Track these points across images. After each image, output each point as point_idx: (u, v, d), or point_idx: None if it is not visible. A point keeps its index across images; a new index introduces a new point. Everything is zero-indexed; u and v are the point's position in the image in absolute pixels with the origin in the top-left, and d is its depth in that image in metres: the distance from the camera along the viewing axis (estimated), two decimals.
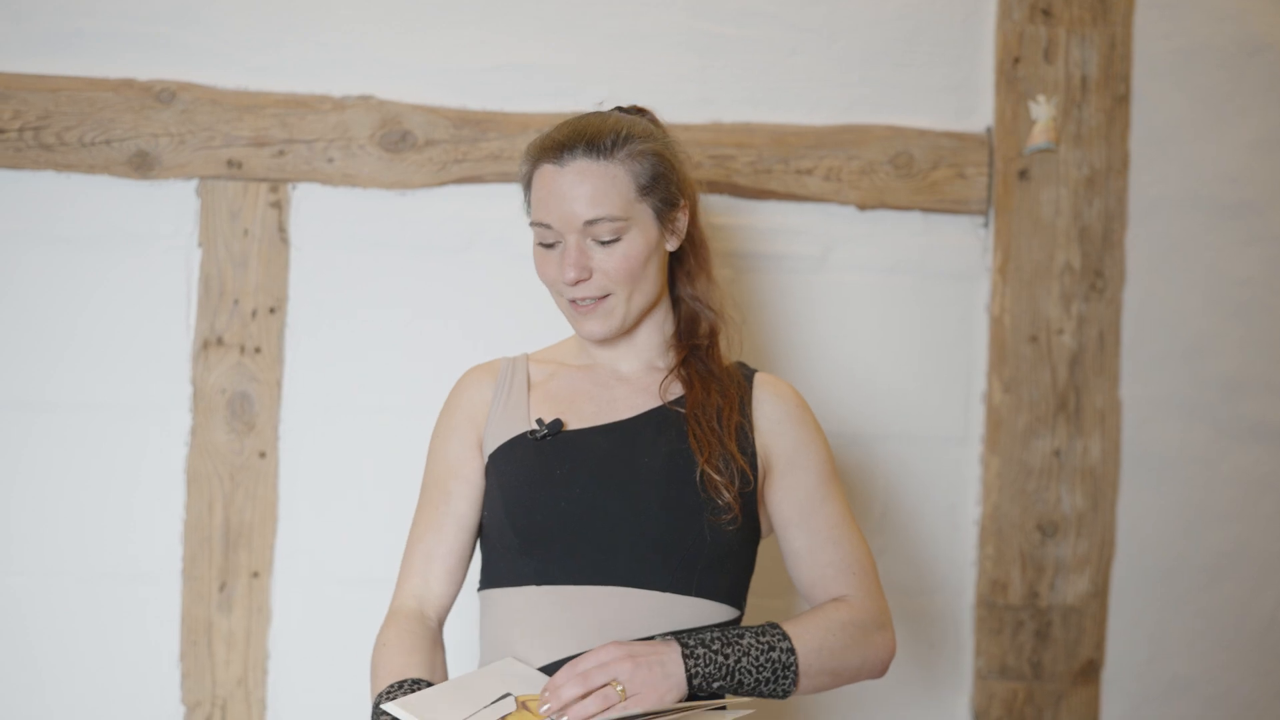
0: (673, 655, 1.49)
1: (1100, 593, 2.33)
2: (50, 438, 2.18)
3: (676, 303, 1.74)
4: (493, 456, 1.67)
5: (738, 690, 1.53)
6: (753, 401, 1.68)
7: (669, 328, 1.73)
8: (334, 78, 2.22)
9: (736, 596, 1.65)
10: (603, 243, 1.62)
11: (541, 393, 1.70)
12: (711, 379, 1.67)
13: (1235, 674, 2.38)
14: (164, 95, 2.19)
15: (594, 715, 1.44)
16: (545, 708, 1.45)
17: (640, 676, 1.46)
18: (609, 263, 1.62)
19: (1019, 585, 2.31)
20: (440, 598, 1.68)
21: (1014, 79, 2.31)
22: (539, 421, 1.65)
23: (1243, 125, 2.39)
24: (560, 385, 1.71)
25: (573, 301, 1.65)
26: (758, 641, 1.54)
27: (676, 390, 1.68)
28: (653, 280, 1.67)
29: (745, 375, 1.72)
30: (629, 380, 1.70)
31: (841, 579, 1.65)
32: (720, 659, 1.51)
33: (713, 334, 1.73)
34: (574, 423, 1.66)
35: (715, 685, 1.51)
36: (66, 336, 2.19)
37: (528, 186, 1.68)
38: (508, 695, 1.49)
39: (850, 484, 2.31)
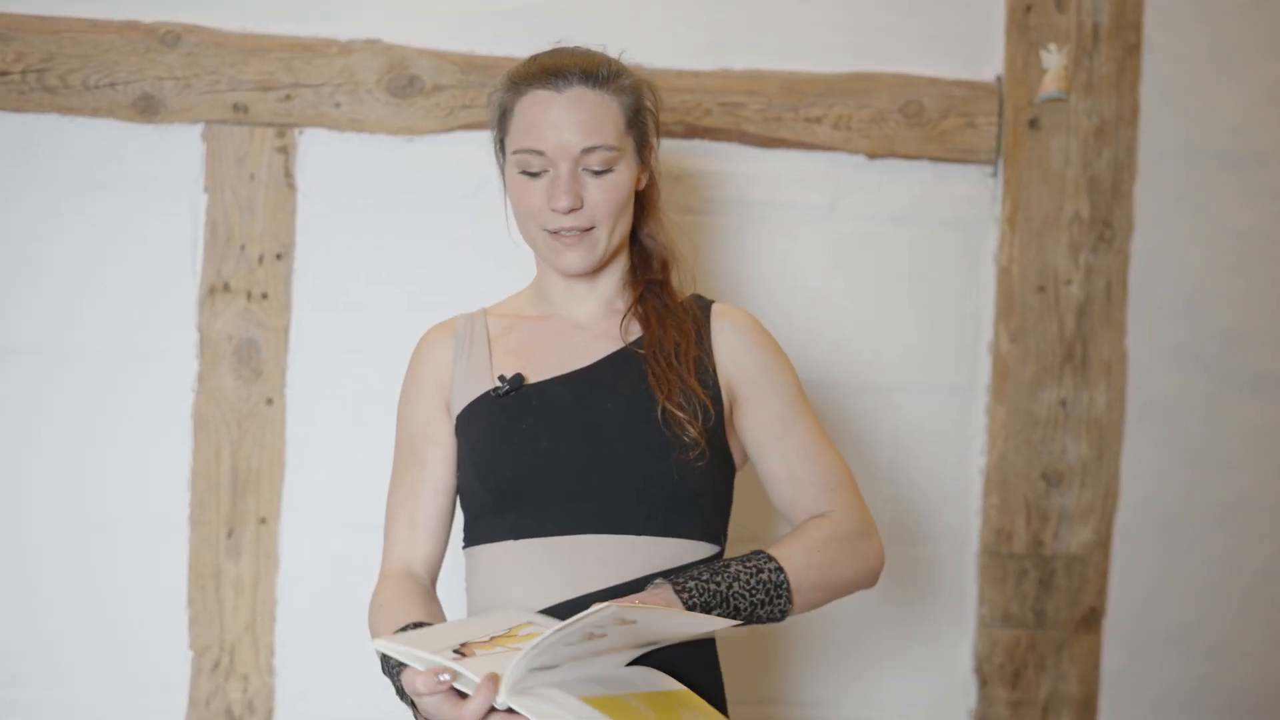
0: (667, 595, 1.47)
1: (1103, 542, 2.35)
2: (55, 383, 2.17)
3: (631, 241, 1.72)
4: (460, 418, 1.65)
5: (735, 615, 1.51)
6: (712, 333, 1.66)
7: (627, 264, 1.72)
8: (340, 21, 2.20)
9: (715, 533, 1.64)
10: (594, 173, 1.60)
11: (501, 348, 1.69)
12: (668, 314, 1.66)
13: (1235, 623, 2.40)
14: (168, 38, 2.16)
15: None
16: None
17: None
18: (599, 194, 1.60)
19: (1023, 534, 2.32)
20: (428, 557, 1.67)
21: (1025, 27, 2.29)
22: (500, 378, 1.63)
23: (1251, 76, 2.38)
24: (519, 338, 1.69)
25: (555, 233, 1.62)
26: (745, 567, 1.53)
27: (636, 330, 1.66)
28: (629, 216, 1.66)
29: (702, 306, 1.70)
30: (587, 327, 1.69)
31: (823, 495, 1.64)
32: (712, 586, 1.49)
33: (665, 268, 1.72)
34: (534, 375, 1.64)
35: (714, 612, 1.49)
36: (71, 281, 2.17)
37: (505, 116, 1.65)
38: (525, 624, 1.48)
39: (857, 434, 2.31)
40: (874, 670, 2.34)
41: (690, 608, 1.47)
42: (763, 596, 1.52)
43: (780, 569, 1.54)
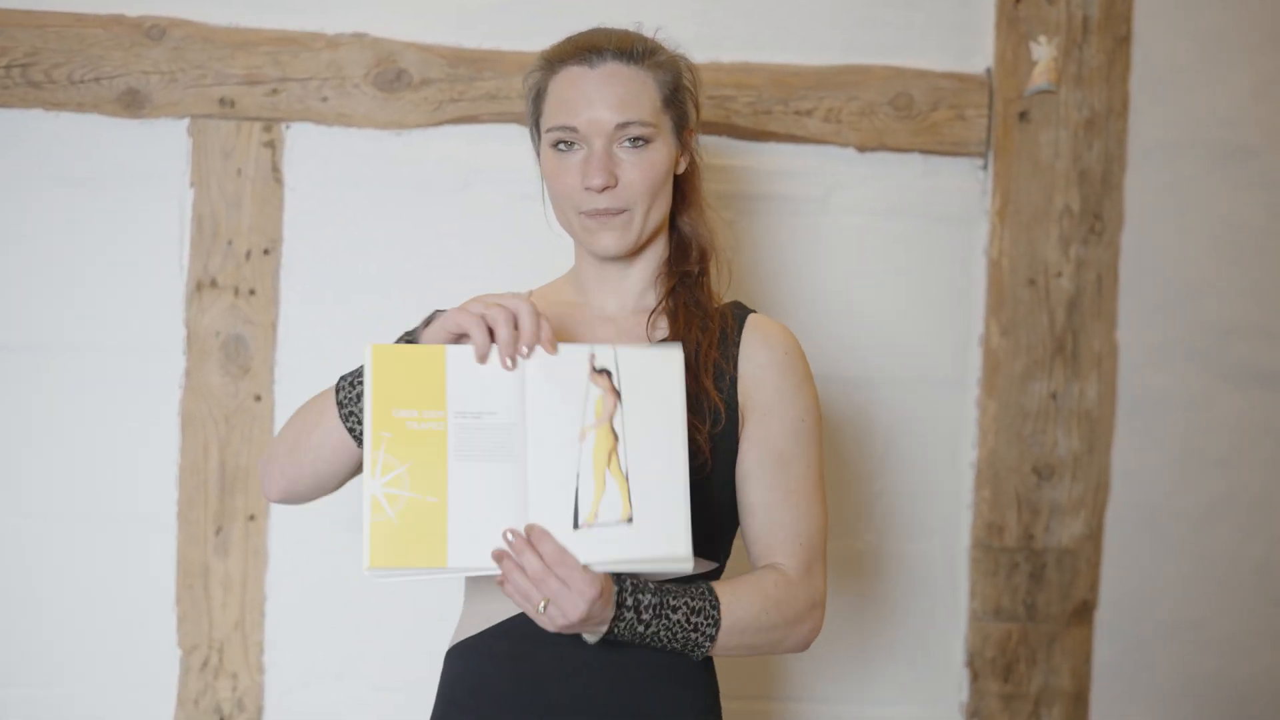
0: (605, 625, 1.42)
1: (1094, 535, 2.34)
2: (41, 380, 2.16)
3: (670, 230, 1.67)
4: None
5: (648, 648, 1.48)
6: (741, 344, 1.59)
7: (663, 254, 1.66)
8: (327, 14, 2.18)
9: (714, 548, 1.57)
10: (629, 148, 1.55)
11: None
12: (697, 311, 1.60)
13: (1227, 616, 2.40)
14: (154, 32, 2.15)
15: (510, 592, 1.39)
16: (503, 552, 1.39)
17: (569, 611, 1.38)
18: (635, 171, 1.55)
19: (1014, 528, 2.32)
20: None
21: (1015, 19, 2.29)
22: None
23: (1241, 68, 2.38)
24: None
25: (590, 215, 1.57)
26: (687, 620, 1.46)
27: (663, 327, 1.61)
28: (666, 199, 1.61)
29: (738, 316, 1.63)
30: (613, 320, 1.64)
31: (785, 548, 1.54)
32: (640, 628, 1.43)
33: (703, 260, 1.66)
34: None
35: (624, 637, 1.45)
36: (56, 278, 2.16)
37: (540, 96, 1.60)
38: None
39: (848, 427, 2.31)
40: (866, 664, 2.34)
41: (610, 634, 1.42)
42: (678, 646, 1.46)
43: (714, 637, 1.47)
